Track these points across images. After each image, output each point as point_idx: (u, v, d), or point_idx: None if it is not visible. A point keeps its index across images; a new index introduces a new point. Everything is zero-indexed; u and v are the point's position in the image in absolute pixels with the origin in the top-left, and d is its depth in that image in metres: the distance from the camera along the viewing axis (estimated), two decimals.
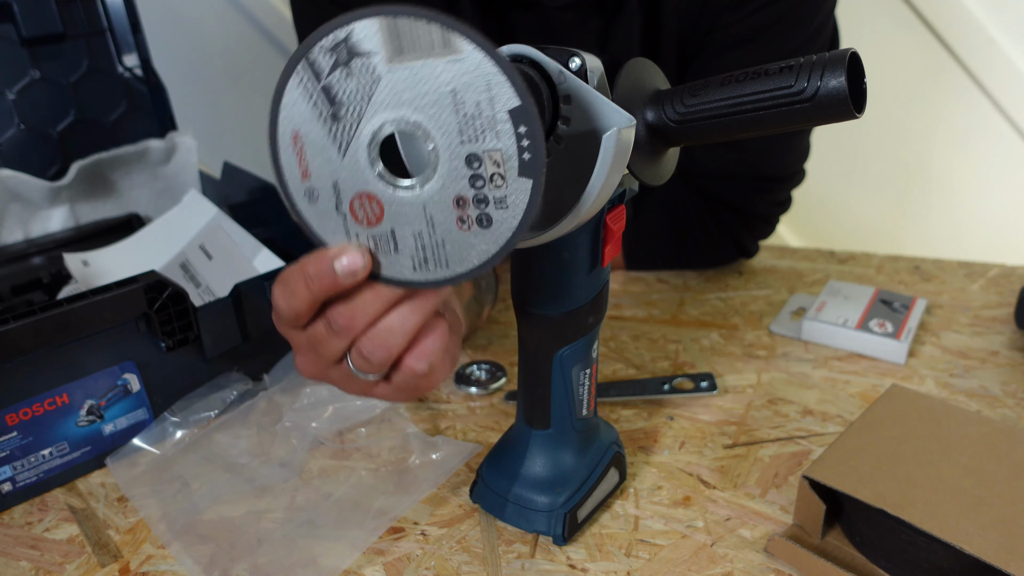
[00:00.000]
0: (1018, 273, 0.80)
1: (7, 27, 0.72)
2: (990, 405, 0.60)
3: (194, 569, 0.47)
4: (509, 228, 0.32)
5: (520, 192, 0.31)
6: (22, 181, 0.70)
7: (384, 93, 0.31)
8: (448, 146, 0.31)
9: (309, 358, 0.38)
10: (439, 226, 0.33)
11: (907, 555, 0.43)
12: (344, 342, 0.36)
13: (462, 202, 0.32)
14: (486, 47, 0.29)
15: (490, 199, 0.32)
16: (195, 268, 0.71)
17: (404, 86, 0.31)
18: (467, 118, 0.30)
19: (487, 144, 0.31)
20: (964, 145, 1.46)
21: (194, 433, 0.58)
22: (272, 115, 0.33)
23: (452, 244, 0.33)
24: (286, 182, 0.34)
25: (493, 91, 0.30)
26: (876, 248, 0.89)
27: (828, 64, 0.34)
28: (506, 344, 0.70)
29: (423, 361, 0.36)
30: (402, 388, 0.38)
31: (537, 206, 0.31)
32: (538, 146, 0.30)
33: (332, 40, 0.31)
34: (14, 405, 0.51)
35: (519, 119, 0.30)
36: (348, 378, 0.38)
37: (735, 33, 0.70)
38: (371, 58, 0.31)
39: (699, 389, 0.62)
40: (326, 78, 0.32)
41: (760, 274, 0.83)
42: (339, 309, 0.35)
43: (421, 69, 0.30)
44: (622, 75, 0.38)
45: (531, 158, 0.30)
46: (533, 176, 0.30)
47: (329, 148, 0.33)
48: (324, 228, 0.35)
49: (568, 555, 0.47)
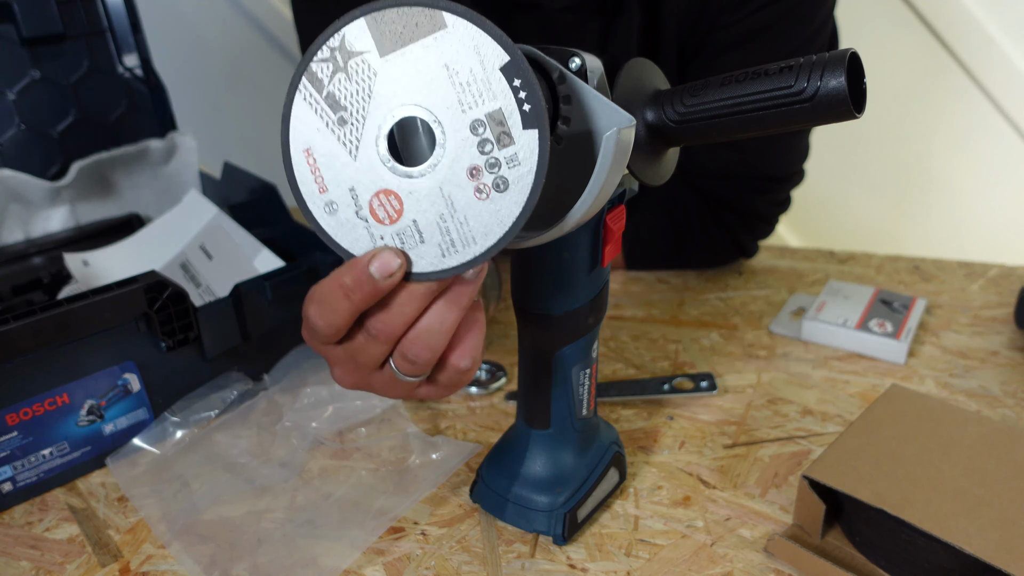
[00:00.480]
0: (1018, 273, 0.80)
1: (7, 27, 0.72)
2: (990, 405, 0.60)
3: (194, 569, 0.47)
4: (526, 184, 0.32)
5: (529, 144, 0.31)
6: (22, 181, 0.70)
7: (383, 86, 0.32)
8: (452, 120, 0.32)
9: (348, 368, 0.37)
10: (459, 203, 0.33)
11: (907, 555, 0.43)
12: (385, 348, 0.36)
13: (475, 172, 0.32)
14: (468, 14, 0.30)
15: (501, 161, 0.32)
16: (195, 268, 0.71)
17: (400, 73, 0.31)
18: (464, 87, 0.31)
19: (487, 106, 0.31)
20: (964, 145, 1.45)
21: (194, 433, 0.58)
22: (283, 137, 0.34)
23: (475, 218, 0.33)
24: (305, 201, 0.34)
25: (482, 53, 0.30)
26: (876, 248, 0.89)
27: (828, 64, 0.34)
28: (506, 344, 0.70)
29: (467, 358, 0.37)
30: (447, 386, 0.38)
31: (547, 156, 0.31)
32: (535, 96, 0.30)
33: (327, 49, 0.32)
34: (14, 405, 0.51)
35: (511, 73, 0.30)
36: (391, 383, 0.38)
37: (735, 33, 0.70)
38: (366, 55, 0.31)
39: (699, 389, 0.62)
40: (327, 87, 0.32)
41: (760, 274, 0.83)
42: (377, 315, 0.35)
43: (412, 52, 0.31)
44: (622, 75, 0.38)
45: (531, 108, 0.31)
46: (538, 125, 0.31)
47: (341, 155, 0.33)
48: (348, 238, 0.34)
49: (568, 555, 0.47)
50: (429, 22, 0.31)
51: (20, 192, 0.71)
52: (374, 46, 0.31)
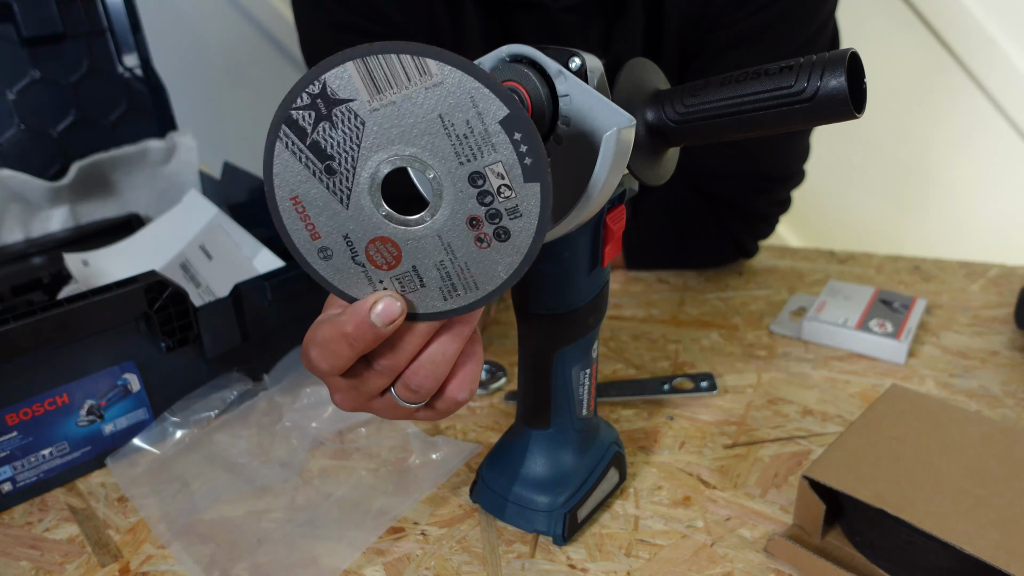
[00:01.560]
0: (1018, 273, 0.80)
1: (7, 27, 0.72)
2: (990, 405, 0.60)
3: (194, 569, 0.47)
4: (528, 235, 0.31)
5: (531, 197, 0.31)
6: (22, 181, 0.70)
7: (373, 135, 0.30)
8: (448, 171, 0.31)
9: (350, 396, 0.38)
10: (459, 251, 0.32)
11: (907, 555, 0.43)
12: (388, 380, 0.36)
13: (476, 222, 0.32)
14: (463, 64, 0.29)
15: (502, 212, 0.31)
16: (195, 268, 0.71)
17: (391, 123, 0.30)
18: (460, 138, 0.30)
19: (486, 159, 0.30)
20: (964, 145, 1.45)
21: (194, 433, 0.58)
22: (267, 184, 0.32)
23: (476, 265, 0.32)
24: (297, 247, 0.33)
25: (480, 106, 0.29)
26: (876, 248, 0.89)
27: (828, 64, 0.34)
28: (506, 344, 0.70)
29: (465, 390, 0.38)
30: (444, 412, 0.39)
31: (550, 207, 0.31)
32: (537, 149, 0.30)
33: (307, 97, 0.30)
34: (14, 405, 0.51)
35: (512, 127, 0.29)
36: (391, 408, 0.38)
37: (736, 33, 0.70)
38: (351, 104, 0.30)
39: (699, 389, 0.62)
40: (311, 135, 0.31)
41: (760, 274, 0.83)
42: (381, 351, 0.35)
43: (404, 102, 0.30)
44: (622, 75, 0.38)
45: (533, 162, 0.30)
46: (539, 179, 0.30)
47: (331, 203, 0.32)
48: (346, 283, 0.34)
49: (568, 555, 0.47)
50: (420, 71, 0.29)
51: (20, 192, 0.71)
52: (360, 93, 0.30)
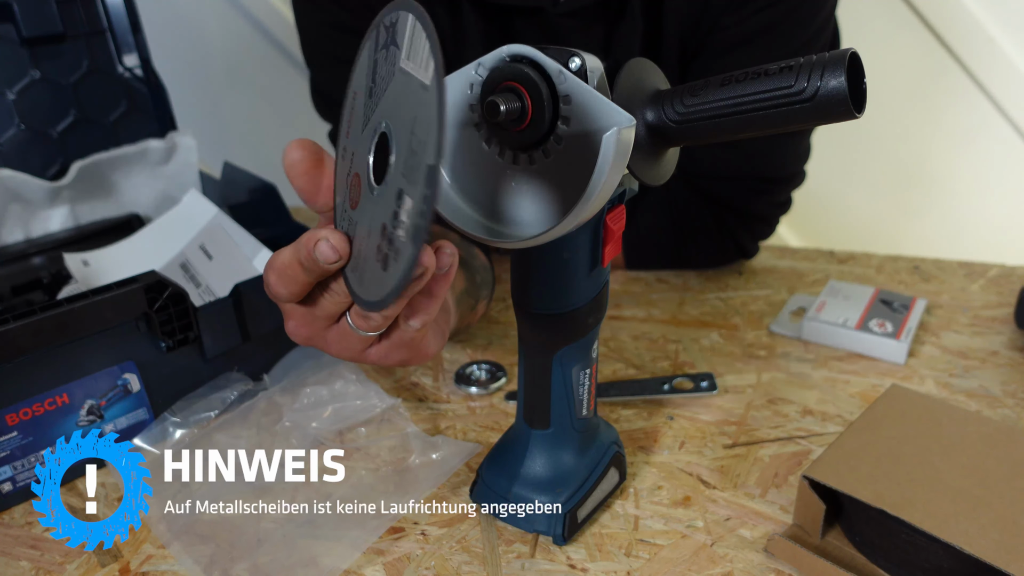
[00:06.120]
0: (1018, 273, 0.80)
1: (7, 27, 0.72)
2: (990, 405, 0.60)
3: (194, 569, 0.47)
4: (384, 288, 0.30)
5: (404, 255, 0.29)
6: (22, 181, 0.70)
7: (391, 91, 0.31)
8: (395, 171, 0.30)
9: (304, 320, 0.38)
10: (368, 247, 0.32)
11: (907, 555, 0.43)
12: (342, 303, 0.37)
13: (384, 232, 0.30)
14: (442, 89, 0.27)
15: (395, 242, 0.30)
16: (195, 268, 0.71)
17: (398, 92, 0.30)
18: (411, 153, 0.29)
19: (409, 188, 0.29)
20: (964, 145, 1.45)
21: (194, 433, 0.58)
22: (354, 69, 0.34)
23: (370, 269, 0.32)
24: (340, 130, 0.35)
25: (428, 138, 0.28)
26: (876, 248, 0.89)
27: (828, 64, 0.34)
28: (506, 344, 0.70)
29: (416, 317, 0.37)
30: (398, 346, 0.39)
31: (408, 283, 0.29)
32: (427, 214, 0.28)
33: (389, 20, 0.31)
34: (14, 405, 0.51)
35: (431, 179, 0.28)
36: (343, 337, 0.38)
37: (736, 35, 0.70)
38: (398, 52, 0.31)
39: (699, 389, 0.62)
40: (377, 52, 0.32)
41: (760, 274, 0.82)
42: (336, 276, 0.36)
43: (408, 83, 0.30)
44: (622, 75, 0.38)
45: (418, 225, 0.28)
46: (414, 244, 0.28)
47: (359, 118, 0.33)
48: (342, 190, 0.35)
49: (568, 555, 0.47)
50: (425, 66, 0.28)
51: (20, 192, 0.71)
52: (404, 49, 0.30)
